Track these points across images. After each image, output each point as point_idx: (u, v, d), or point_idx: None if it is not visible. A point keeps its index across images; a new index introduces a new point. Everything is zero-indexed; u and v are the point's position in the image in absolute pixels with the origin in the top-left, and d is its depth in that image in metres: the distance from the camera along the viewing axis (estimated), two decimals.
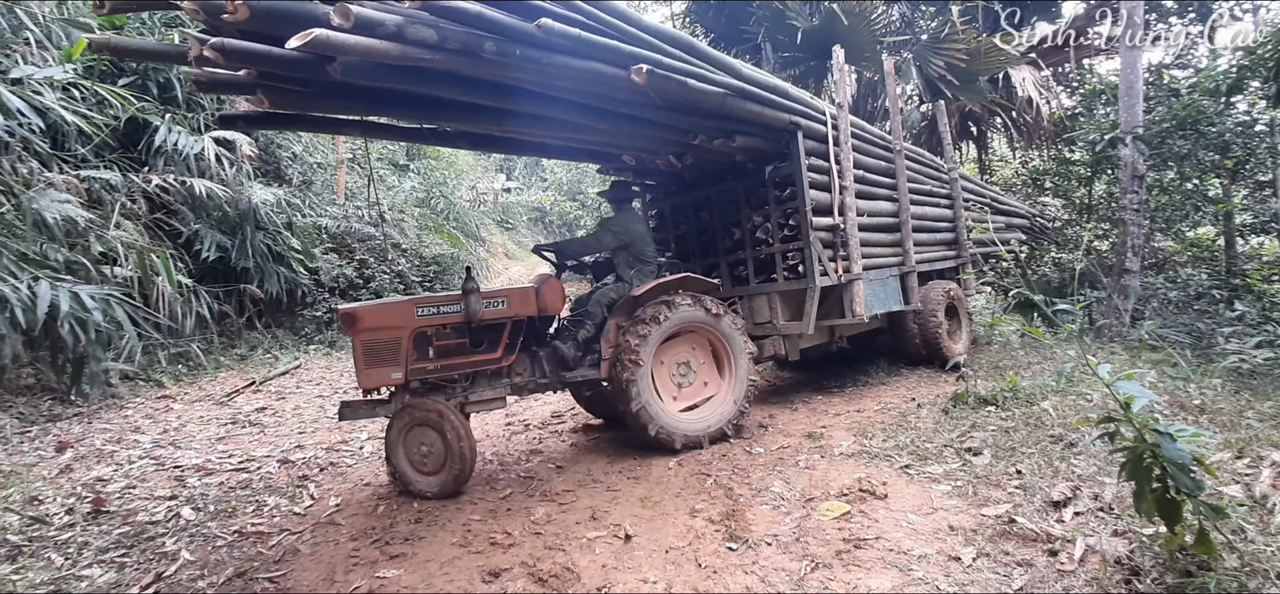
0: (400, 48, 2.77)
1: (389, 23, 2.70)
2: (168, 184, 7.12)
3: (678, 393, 4.36)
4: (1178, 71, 8.95)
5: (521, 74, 3.25)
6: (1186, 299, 6.96)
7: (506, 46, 3.00)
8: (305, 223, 9.57)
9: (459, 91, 3.50)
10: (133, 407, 5.92)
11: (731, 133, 4.49)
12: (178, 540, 3.21)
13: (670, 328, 4.18)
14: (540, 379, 4.24)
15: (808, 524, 2.91)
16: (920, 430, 4.07)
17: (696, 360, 4.44)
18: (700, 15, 10.01)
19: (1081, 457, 3.25)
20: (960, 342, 6.26)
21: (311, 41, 2.49)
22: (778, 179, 5.03)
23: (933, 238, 6.41)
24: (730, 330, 4.37)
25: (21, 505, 3.62)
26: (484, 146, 5.41)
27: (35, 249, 4.71)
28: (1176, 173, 7.68)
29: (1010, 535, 2.61)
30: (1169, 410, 3.76)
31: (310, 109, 3.81)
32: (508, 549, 2.95)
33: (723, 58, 4.14)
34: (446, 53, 2.91)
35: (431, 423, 3.68)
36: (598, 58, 3.29)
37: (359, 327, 3.79)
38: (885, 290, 5.55)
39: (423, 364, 3.89)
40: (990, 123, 10.02)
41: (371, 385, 3.87)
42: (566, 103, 3.81)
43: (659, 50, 3.57)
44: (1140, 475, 2.17)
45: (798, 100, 4.82)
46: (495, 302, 4.02)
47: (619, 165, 5.80)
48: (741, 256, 5.61)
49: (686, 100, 3.81)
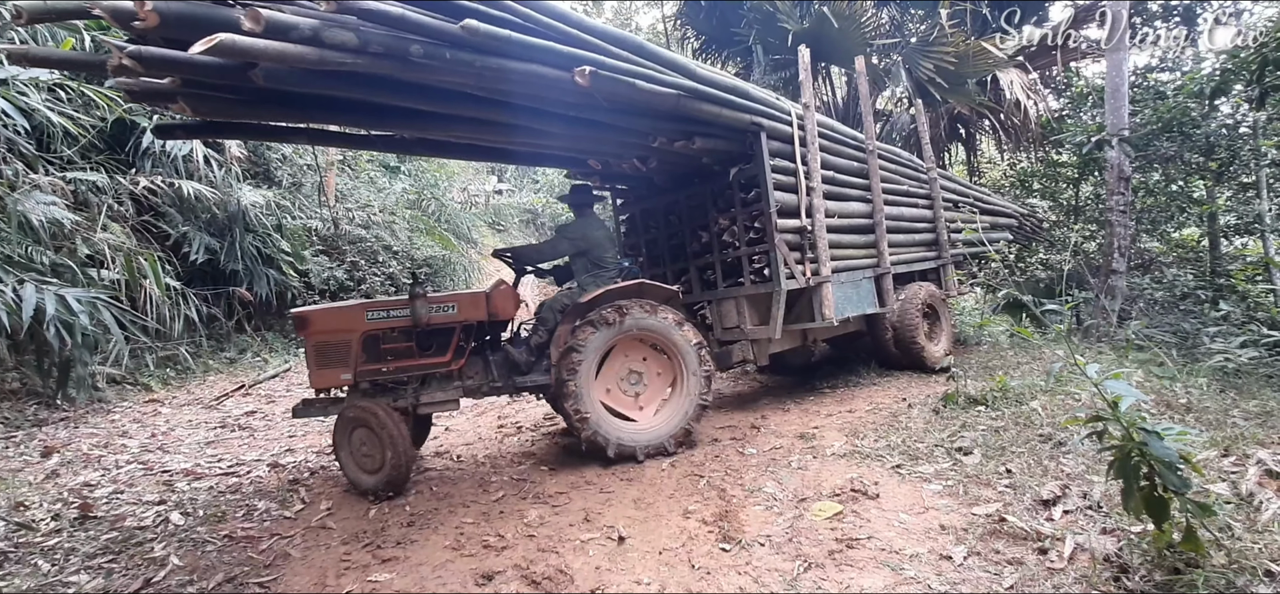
0: (317, 52, 2.67)
1: (304, 26, 2.61)
2: (155, 186, 7.05)
3: (624, 401, 4.26)
4: (1163, 74, 9.07)
5: (458, 78, 3.13)
6: (1172, 299, 7.04)
7: (435, 49, 2.90)
8: (295, 225, 9.51)
9: (399, 97, 3.38)
10: (120, 411, 5.86)
11: (691, 135, 4.39)
12: (167, 546, 3.17)
13: (616, 334, 4.10)
14: (493, 383, 4.27)
15: (800, 524, 2.93)
16: (911, 430, 4.09)
17: (649, 371, 4.33)
18: (691, 18, 10.03)
19: (1070, 455, 3.29)
20: (940, 344, 6.18)
21: (216, 46, 2.40)
22: (742, 181, 4.96)
23: (910, 239, 6.35)
24: (683, 343, 4.21)
25: (7, 511, 3.56)
26: (444, 153, 5.39)
27: (20, 252, 4.66)
28: (1162, 174, 7.78)
29: (1000, 534, 2.64)
30: (1156, 409, 3.81)
31: (242, 117, 3.67)
32: (501, 552, 2.94)
33: (675, 58, 4.06)
34: (370, 57, 2.80)
35: (366, 422, 3.75)
36: (537, 60, 3.19)
37: (310, 329, 3.94)
38: (858, 293, 5.47)
39: (372, 366, 3.99)
40: (979, 125, 10.11)
41: (323, 386, 4.03)
42: (517, 108, 3.72)
43: (604, 51, 3.49)
44: (1128, 474, 2.20)
45: (760, 101, 4.74)
46: (445, 306, 4.09)
47: (587, 170, 5.73)
48: (710, 261, 5.49)
49: (637, 102, 3.72)
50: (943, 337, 6.26)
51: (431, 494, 3.77)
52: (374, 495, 3.74)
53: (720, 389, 6.46)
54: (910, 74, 8.01)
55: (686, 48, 10.92)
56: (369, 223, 11.08)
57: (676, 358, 4.27)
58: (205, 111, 3.49)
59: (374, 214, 11.45)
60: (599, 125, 4.13)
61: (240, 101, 3.42)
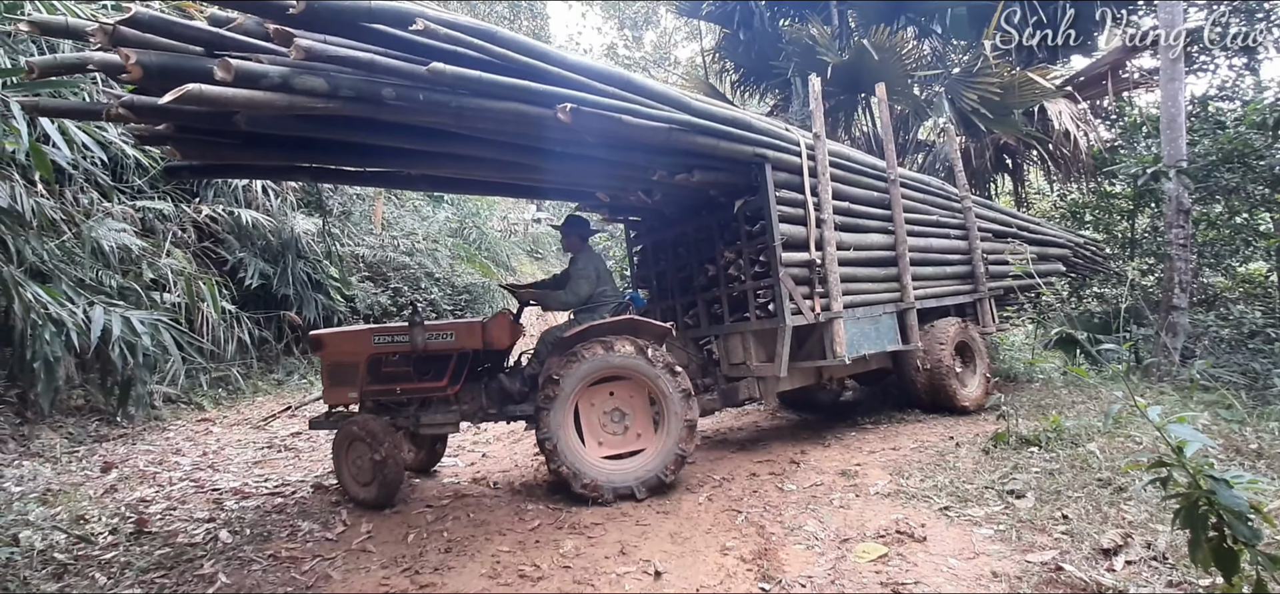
0: (287, 98, 2.72)
1: (273, 74, 2.68)
2: (216, 214, 7.41)
3: (605, 438, 4.17)
4: (1223, 103, 8.73)
5: (438, 118, 3.16)
6: (1239, 337, 6.68)
7: (408, 91, 2.93)
8: (343, 251, 9.84)
9: (388, 137, 3.47)
10: (174, 429, 6.09)
11: (690, 168, 4.32)
12: (215, 563, 3.27)
13: (597, 369, 4.03)
14: (488, 409, 4.42)
15: (843, 566, 2.84)
16: (959, 471, 3.95)
17: (634, 410, 4.20)
18: (730, 51, 10.12)
19: (1132, 502, 3.12)
20: (975, 384, 5.83)
21: (184, 96, 2.49)
22: (748, 214, 4.84)
23: (941, 271, 6.04)
24: (668, 386, 4.06)
25: (69, 524, 3.73)
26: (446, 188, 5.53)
27: (92, 275, 4.93)
28: (1225, 206, 7.44)
29: (1058, 583, 2.51)
30: (1224, 455, 3.59)
31: (237, 159, 3.85)
32: (536, 582, 2.93)
33: (666, 92, 3.98)
34: (342, 100, 2.85)
35: (363, 438, 4.01)
36: (517, 98, 3.19)
37: (324, 351, 4.29)
38: (877, 329, 5.22)
39: (376, 387, 4.28)
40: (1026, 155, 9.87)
41: (334, 403, 4.36)
42: (510, 145, 3.75)
43: (586, 87, 3.44)
44: (1195, 523, 2.07)
45: (763, 132, 4.62)
46: (444, 334, 4.31)
47: (595, 203, 5.70)
48: (716, 294, 5.32)
49: (626, 137, 3.68)
50: (977, 376, 5.91)
51: (469, 521, 3.79)
52: (368, 506, 4.00)
53: (758, 422, 6.37)
54: (953, 105, 7.89)
55: (725, 80, 11.02)
56: (412, 250, 11.38)
57: (661, 401, 4.13)
58: (198, 155, 3.72)
59: (418, 241, 11.77)
60: (594, 160, 4.13)
61: (232, 145, 3.61)
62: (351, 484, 4.11)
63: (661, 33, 23.18)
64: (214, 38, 2.88)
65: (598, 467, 4.02)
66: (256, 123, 3.05)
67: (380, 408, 4.33)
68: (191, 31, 2.87)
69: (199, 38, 2.88)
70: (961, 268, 6.26)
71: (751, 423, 6.37)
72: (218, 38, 2.87)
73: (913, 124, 9.22)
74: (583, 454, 4.02)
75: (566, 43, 26.69)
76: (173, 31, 2.82)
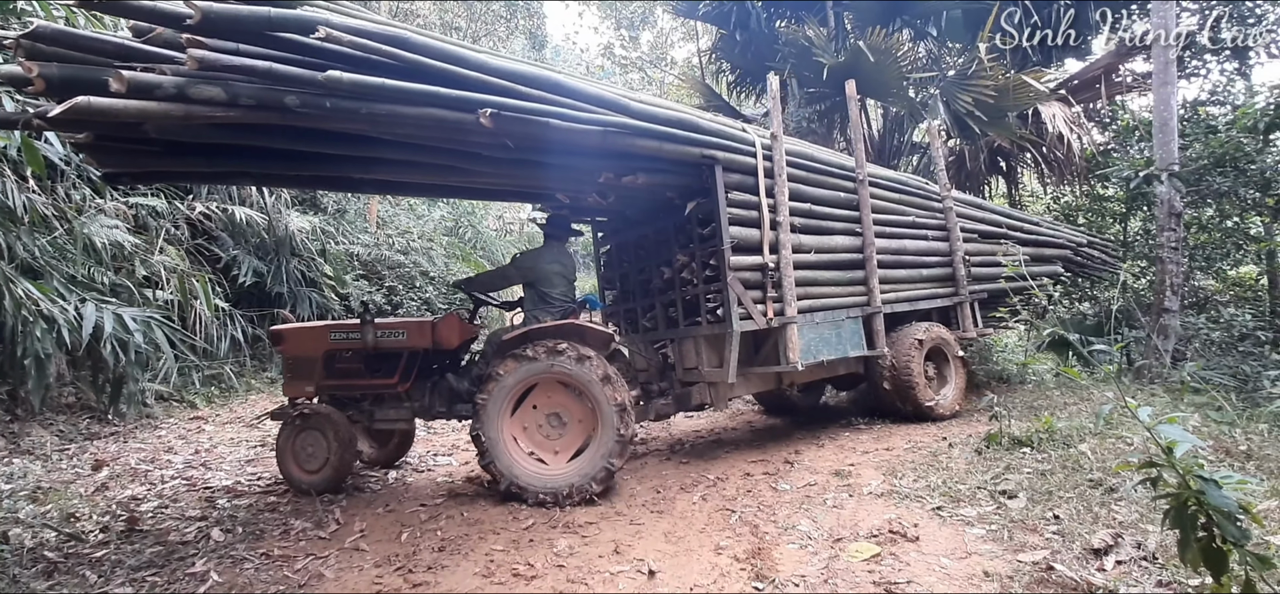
0: (184, 108, 2.73)
1: (167, 84, 2.68)
2: (210, 211, 7.37)
3: (541, 442, 4.17)
4: (1214, 108, 8.79)
5: (353, 124, 3.14)
6: (1230, 340, 6.72)
7: (313, 99, 2.90)
8: (338, 250, 9.81)
9: (315, 143, 3.50)
10: (167, 427, 6.07)
11: (634, 170, 4.21)
12: (207, 561, 3.25)
13: (533, 373, 4.03)
14: (438, 407, 4.55)
15: (836, 565, 2.85)
16: (952, 471, 3.97)
17: (572, 417, 4.17)
18: (726, 52, 10.14)
19: (1122, 503, 3.14)
20: (948, 392, 5.64)
21: (71, 108, 2.48)
22: (700, 216, 4.69)
23: (917, 274, 5.86)
24: (602, 397, 3.98)
25: (59, 522, 3.71)
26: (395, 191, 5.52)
27: (84, 272, 4.90)
28: (1216, 210, 7.49)
29: (1049, 583, 2.52)
30: (1214, 456, 3.62)
31: (161, 166, 3.87)
32: (530, 581, 2.93)
33: (602, 94, 3.84)
34: (243, 109, 2.84)
35: (318, 428, 4.30)
36: (433, 104, 3.13)
37: (284, 345, 4.56)
38: (839, 334, 5.06)
39: (332, 382, 4.50)
40: (1020, 158, 9.92)
41: (293, 395, 4.57)
42: (449, 150, 3.73)
43: (511, 92, 3.37)
44: (1184, 524, 2.09)
45: (714, 133, 4.47)
46: (395, 332, 4.47)
47: (557, 204, 5.63)
48: (673, 297, 5.16)
49: (560, 141, 3.59)
50: (951, 384, 5.70)
51: (462, 519, 3.78)
52: (312, 493, 4.24)
53: (752, 422, 6.38)
54: (948, 107, 7.92)
55: (722, 81, 11.03)
56: (408, 249, 11.36)
57: (597, 410, 4.06)
58: (120, 163, 3.74)
59: (413, 240, 11.74)
60: (537, 164, 4.10)
61: (153, 152, 3.61)
62: (296, 471, 4.34)
63: (658, 33, 23.18)
64: (120, 49, 2.91)
65: (528, 469, 4.01)
66: (169, 131, 3.06)
67: (336, 402, 4.54)
68: (96, 43, 2.91)
69: (104, 49, 2.90)
70: (940, 270, 6.06)
71: (745, 423, 6.38)
72: (125, 49, 2.91)
73: (908, 126, 9.26)
74: (515, 455, 4.02)
75: (563, 43, 26.70)
76: (77, 44, 2.86)
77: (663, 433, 6.07)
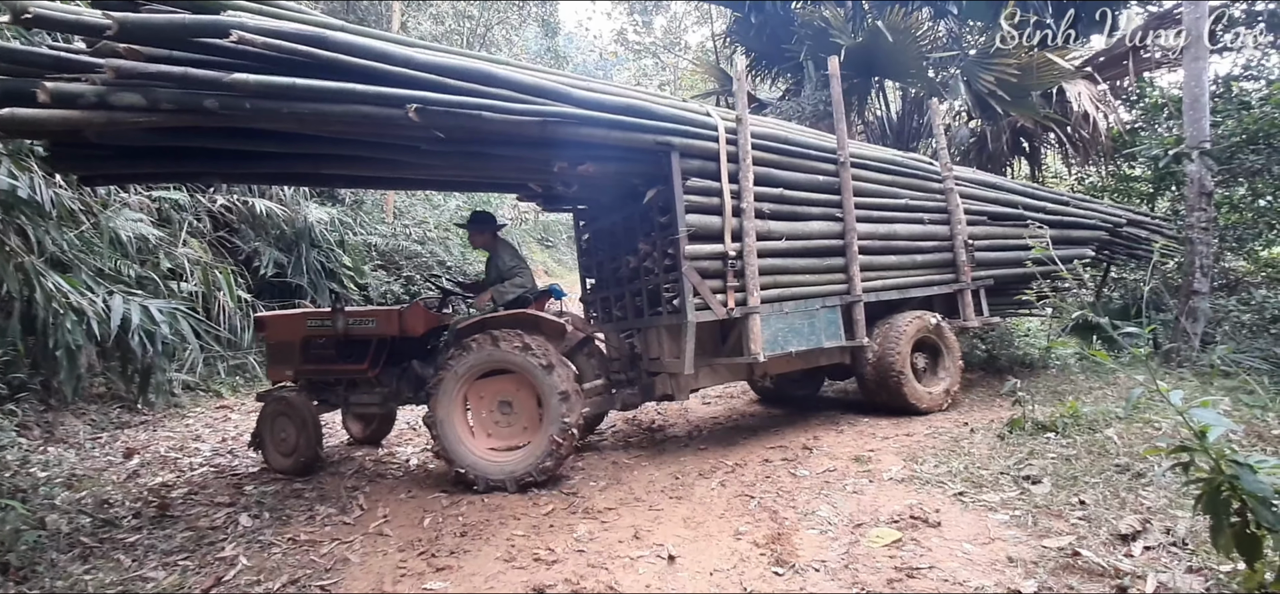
0: (106, 115, 2.85)
1: (88, 94, 2.81)
2: (231, 204, 7.48)
3: (493, 431, 4.27)
4: (1248, 83, 8.52)
5: (280, 123, 3.20)
6: (1262, 323, 6.55)
7: (231, 101, 2.94)
8: (356, 241, 9.90)
9: (254, 143, 3.60)
10: (194, 416, 6.19)
11: (584, 159, 4.11)
12: (236, 546, 3.32)
13: (481, 361, 4.10)
14: (407, 392, 4.74)
15: (857, 550, 2.83)
16: (974, 456, 3.92)
17: (520, 404, 4.23)
18: (741, 35, 10.03)
19: (1151, 488, 3.08)
20: (940, 385, 5.35)
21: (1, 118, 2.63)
22: (660, 204, 4.51)
23: (909, 260, 5.56)
24: (544, 382, 4.01)
25: (93, 508, 3.81)
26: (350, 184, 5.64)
27: (110, 265, 5.00)
28: (1249, 189, 7.27)
29: (1074, 569, 2.49)
30: (1246, 440, 3.54)
31: (117, 170, 4.05)
32: (551, 566, 2.95)
33: (539, 83, 3.72)
34: (164, 113, 2.94)
35: (287, 413, 4.53)
36: (355, 101, 3.11)
37: (266, 331, 4.81)
38: (812, 324, 4.85)
39: (309, 367, 4.72)
40: (1043, 138, 9.71)
41: (275, 380, 4.86)
42: (393, 145, 3.77)
43: (440, 86, 3.32)
44: (1217, 509, 2.04)
45: (669, 118, 4.29)
46: (365, 320, 4.69)
47: (529, 193, 5.58)
48: (638, 286, 5.00)
49: (497, 132, 3.56)
50: (944, 377, 5.41)
51: (483, 505, 3.82)
52: (288, 474, 4.48)
53: (769, 410, 6.36)
54: (969, 87, 7.77)
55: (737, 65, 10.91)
56: (424, 239, 11.44)
57: (542, 398, 4.09)
58: (77, 168, 3.92)
59: (429, 230, 11.82)
60: (490, 156, 4.10)
61: (106, 157, 3.74)
62: (274, 454, 4.57)
63: (671, 17, 22.99)
64: (56, 61, 3.03)
65: (477, 456, 4.09)
66: (109, 137, 3.18)
67: (313, 387, 4.79)
68: (30, 56, 3.05)
69: (40, 62, 3.02)
70: (939, 256, 5.73)
71: (763, 410, 6.36)
72: (61, 60, 3.03)
73: (927, 107, 9.09)
74: (466, 442, 4.11)
75: (576, 29, 26.56)
76: (12, 58, 3.01)
77: (681, 419, 6.08)
